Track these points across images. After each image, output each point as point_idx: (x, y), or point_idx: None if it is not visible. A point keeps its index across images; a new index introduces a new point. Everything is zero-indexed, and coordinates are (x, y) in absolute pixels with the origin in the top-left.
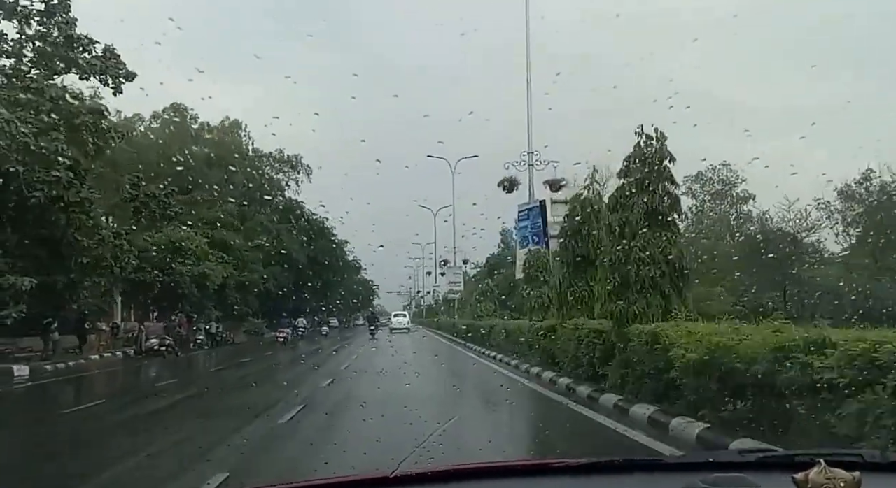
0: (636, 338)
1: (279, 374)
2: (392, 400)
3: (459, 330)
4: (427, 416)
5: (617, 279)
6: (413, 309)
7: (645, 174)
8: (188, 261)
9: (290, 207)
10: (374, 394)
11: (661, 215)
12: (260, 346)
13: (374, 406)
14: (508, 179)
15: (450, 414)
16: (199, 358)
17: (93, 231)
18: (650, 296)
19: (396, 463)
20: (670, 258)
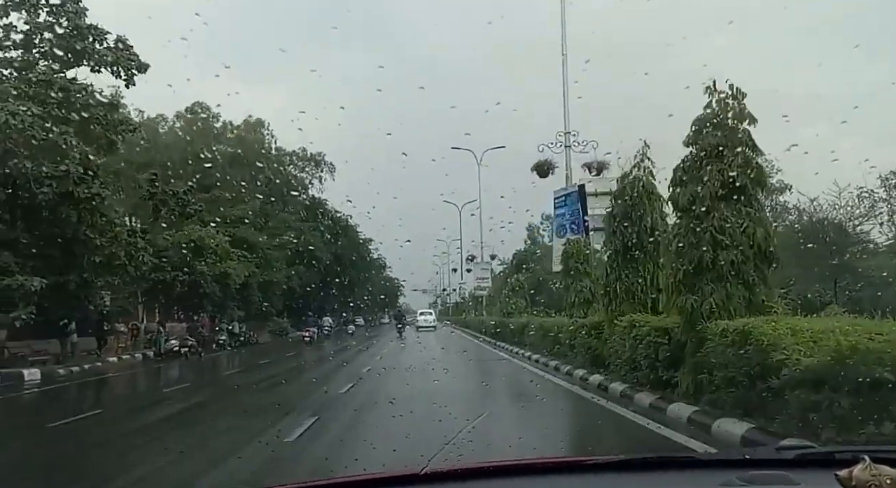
0: (717, 337)
1: (303, 374)
2: (421, 397)
3: (488, 327)
4: (457, 414)
5: (687, 266)
6: (439, 306)
7: (719, 139)
8: (209, 260)
9: (313, 205)
10: (403, 392)
11: (742, 188)
12: (284, 346)
13: (403, 403)
14: (543, 163)
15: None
16: (220, 359)
17: (106, 228)
18: (730, 285)
19: (426, 460)
20: (755, 239)
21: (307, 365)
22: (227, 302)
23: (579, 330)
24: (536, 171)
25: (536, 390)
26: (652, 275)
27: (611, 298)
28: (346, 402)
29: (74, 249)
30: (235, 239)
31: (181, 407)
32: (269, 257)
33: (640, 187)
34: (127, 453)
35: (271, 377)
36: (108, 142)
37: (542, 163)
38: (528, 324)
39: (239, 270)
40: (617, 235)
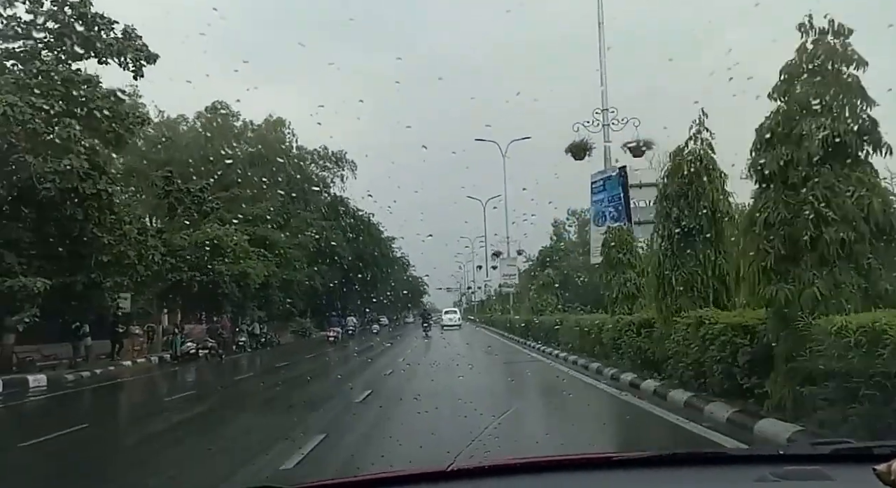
0: (830, 336)
1: (325, 377)
2: (446, 395)
3: (516, 326)
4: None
5: (778, 249)
6: (463, 305)
7: (818, 87)
8: (227, 260)
9: (335, 203)
10: (428, 389)
11: (849, 149)
12: (307, 346)
13: (428, 402)
14: (578, 144)
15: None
16: (239, 362)
17: (114, 226)
18: (839, 270)
19: (452, 457)
20: (870, 211)
21: (330, 365)
22: (247, 302)
23: (625, 328)
24: (571, 153)
25: (580, 396)
26: (714, 263)
27: (665, 292)
28: (365, 413)
29: (81, 249)
30: (255, 237)
31: (179, 420)
32: (290, 256)
33: (697, 162)
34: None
35: (290, 380)
36: (115, 136)
37: (578, 144)
38: (561, 322)
39: (258, 270)
40: (671, 219)
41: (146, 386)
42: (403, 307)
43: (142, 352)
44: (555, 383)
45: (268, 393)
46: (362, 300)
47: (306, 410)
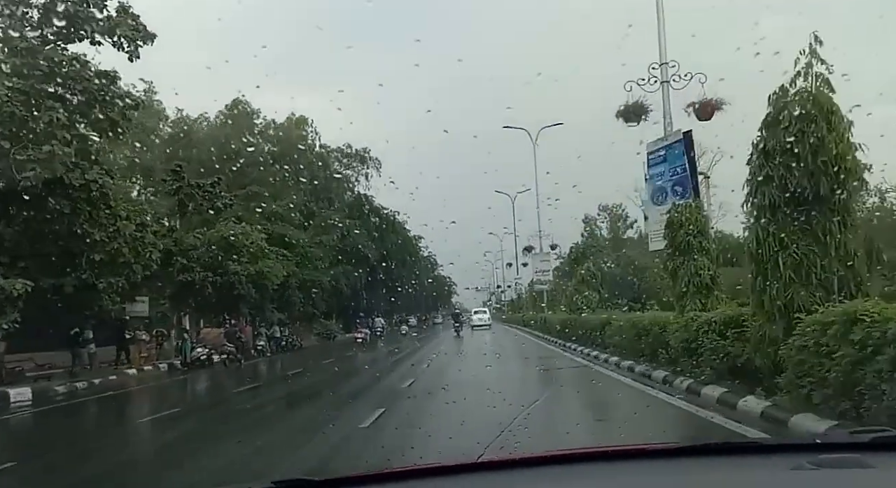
0: None
1: (343, 386)
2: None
3: (553, 326)
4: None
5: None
6: (493, 305)
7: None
8: (244, 259)
9: (359, 202)
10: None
11: None
12: (330, 350)
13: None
14: (632, 106)
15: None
16: (256, 367)
17: (108, 222)
18: None
19: (482, 448)
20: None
21: (351, 373)
22: (265, 304)
23: (703, 328)
24: (623, 117)
25: (659, 418)
26: (839, 241)
27: (768, 279)
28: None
29: (72, 246)
30: (274, 236)
31: (154, 448)
32: (311, 255)
33: (809, 104)
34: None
35: (296, 394)
36: (109, 122)
37: (632, 106)
38: (609, 322)
39: (276, 269)
40: (773, 182)
41: (136, 400)
42: (432, 307)
43: (150, 358)
44: (616, 399)
45: (263, 412)
46: (389, 301)
47: (311, 438)
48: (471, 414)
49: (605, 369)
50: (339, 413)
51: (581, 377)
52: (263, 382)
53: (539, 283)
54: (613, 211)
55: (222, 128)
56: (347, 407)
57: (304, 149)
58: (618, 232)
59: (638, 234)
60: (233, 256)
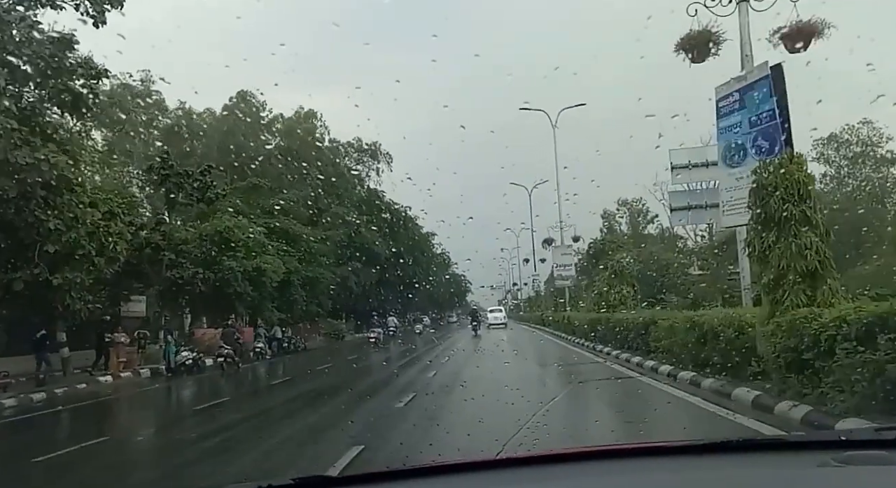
0: None
1: (345, 393)
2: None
3: (579, 326)
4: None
5: None
6: (508, 303)
7: None
8: (240, 254)
9: (370, 197)
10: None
11: None
12: (337, 351)
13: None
14: (697, 35)
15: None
16: (246, 373)
17: (67, 209)
18: None
19: (501, 445)
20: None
21: (351, 380)
22: (265, 302)
23: (831, 332)
24: (685, 51)
25: None
26: None
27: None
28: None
29: (22, 236)
30: (276, 231)
31: None
32: (315, 251)
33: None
34: None
35: (276, 410)
36: (71, 95)
37: (697, 35)
38: (654, 321)
39: (276, 266)
40: None
41: (85, 418)
42: (446, 306)
43: (132, 363)
44: (704, 431)
45: (233, 434)
46: (402, 300)
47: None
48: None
49: (657, 382)
50: (316, 448)
51: (631, 393)
52: (242, 393)
53: (560, 279)
54: (633, 205)
55: (226, 121)
56: (325, 441)
57: (311, 143)
58: (637, 227)
59: (658, 230)
60: (228, 251)
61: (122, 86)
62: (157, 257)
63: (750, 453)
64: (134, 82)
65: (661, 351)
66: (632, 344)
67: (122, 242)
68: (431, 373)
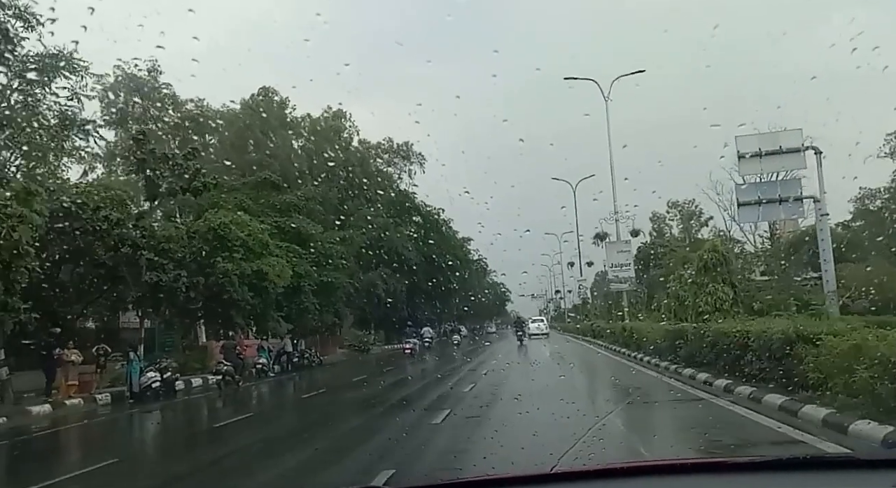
0: None
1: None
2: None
3: (640, 339)
4: None
5: None
6: (550, 312)
7: None
8: (237, 255)
9: (399, 200)
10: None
11: None
12: (358, 366)
13: None
14: None
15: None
16: (234, 397)
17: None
18: None
19: (556, 459)
20: None
21: (378, 403)
22: (268, 311)
23: None
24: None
25: None
26: None
27: None
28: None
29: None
30: (286, 231)
31: None
32: (330, 253)
33: None
34: None
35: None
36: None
37: None
38: (812, 339)
39: (280, 269)
40: None
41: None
42: (484, 316)
43: (88, 386)
44: None
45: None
46: (436, 309)
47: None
48: None
49: (841, 445)
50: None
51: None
52: (205, 428)
53: (616, 281)
54: (685, 207)
55: (243, 117)
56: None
57: (339, 143)
58: (690, 230)
59: (713, 233)
60: (223, 252)
61: (125, 76)
62: (136, 257)
63: (821, 471)
64: (139, 72)
65: (832, 390)
66: (759, 372)
67: (25, 228)
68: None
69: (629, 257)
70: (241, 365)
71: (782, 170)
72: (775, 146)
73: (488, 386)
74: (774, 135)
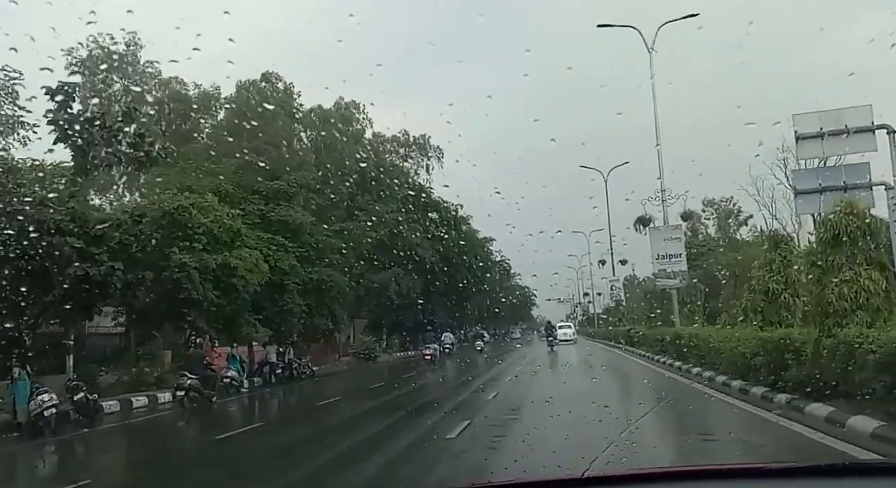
0: None
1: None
2: None
3: (708, 353)
4: None
5: None
6: (578, 317)
7: None
8: (197, 246)
9: (416, 194)
10: None
11: None
12: (364, 376)
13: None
14: None
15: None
16: (171, 425)
17: None
18: None
19: (588, 463)
20: None
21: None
22: (240, 313)
23: None
24: None
25: None
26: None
27: None
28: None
29: None
30: (272, 221)
31: None
32: (324, 245)
33: None
34: None
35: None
36: None
37: None
38: None
39: (252, 263)
40: None
41: None
42: (508, 321)
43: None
44: None
45: None
46: (455, 312)
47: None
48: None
49: None
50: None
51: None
52: None
53: (664, 277)
54: (722, 206)
55: (240, 103)
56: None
57: (350, 135)
58: (727, 230)
59: (751, 232)
60: (183, 240)
61: (102, 52)
62: (60, 246)
63: (849, 477)
64: (115, 46)
65: None
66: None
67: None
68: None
69: (680, 246)
70: (213, 378)
71: (848, 152)
72: (840, 125)
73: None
74: (838, 113)
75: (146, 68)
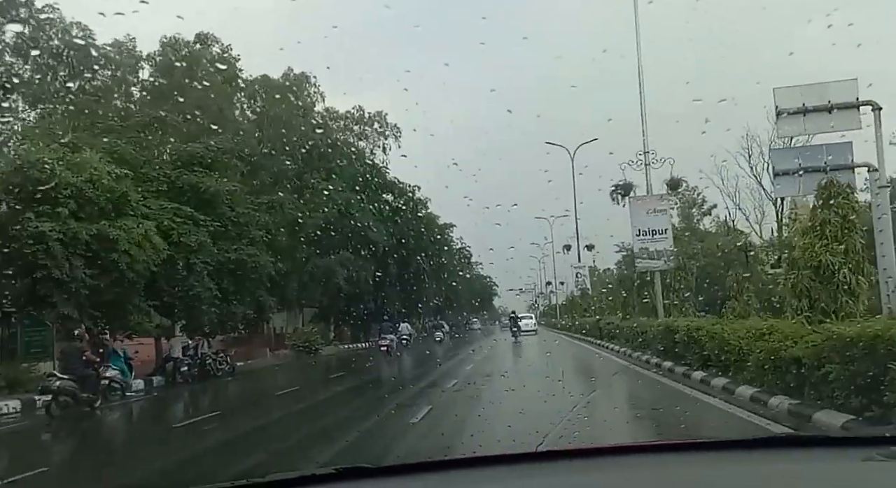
0: None
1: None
2: None
3: (719, 353)
4: None
5: None
6: (539, 308)
7: None
8: (64, 212)
9: (369, 173)
10: None
11: None
12: (296, 375)
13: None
14: None
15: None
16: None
17: None
18: None
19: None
20: None
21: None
22: (128, 298)
23: None
24: None
25: None
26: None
27: None
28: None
29: None
30: (182, 189)
31: None
32: (243, 220)
33: None
34: None
35: None
36: None
37: None
38: None
39: (138, 234)
40: None
41: None
42: (469, 311)
43: None
44: None
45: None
46: (411, 301)
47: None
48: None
49: None
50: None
51: None
52: None
53: (646, 257)
54: (686, 195)
55: (163, 62)
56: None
57: (298, 107)
58: (691, 220)
59: (714, 224)
60: (42, 205)
61: None
62: None
63: (795, 449)
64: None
65: None
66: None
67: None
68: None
69: (666, 221)
70: (93, 378)
71: (833, 130)
72: (823, 100)
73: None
74: (822, 87)
75: (43, 13)
